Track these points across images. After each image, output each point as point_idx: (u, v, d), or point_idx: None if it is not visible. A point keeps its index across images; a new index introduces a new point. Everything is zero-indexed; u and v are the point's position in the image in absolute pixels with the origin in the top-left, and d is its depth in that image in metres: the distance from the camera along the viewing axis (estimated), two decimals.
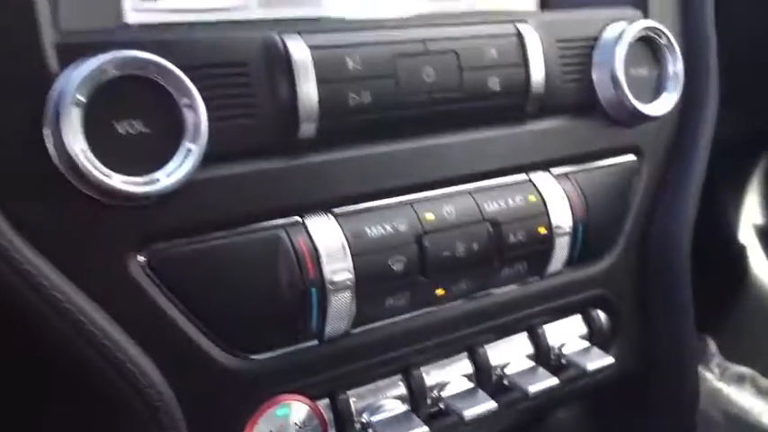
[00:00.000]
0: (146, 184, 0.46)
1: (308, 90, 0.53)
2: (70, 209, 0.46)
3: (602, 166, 0.71)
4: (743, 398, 0.98)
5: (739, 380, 1.01)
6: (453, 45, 0.60)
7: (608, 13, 0.70)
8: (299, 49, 0.53)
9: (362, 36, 0.56)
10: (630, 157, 0.73)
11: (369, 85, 0.56)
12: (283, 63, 0.52)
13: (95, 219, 0.47)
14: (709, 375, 1.01)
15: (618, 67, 0.67)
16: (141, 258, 0.49)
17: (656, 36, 0.70)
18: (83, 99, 0.44)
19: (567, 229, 0.66)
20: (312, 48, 0.53)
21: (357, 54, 0.55)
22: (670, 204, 0.75)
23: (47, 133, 0.45)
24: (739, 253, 1.14)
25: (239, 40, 0.51)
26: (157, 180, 0.47)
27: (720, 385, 1.00)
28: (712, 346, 1.05)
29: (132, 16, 0.55)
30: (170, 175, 0.47)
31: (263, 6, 0.60)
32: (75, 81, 0.44)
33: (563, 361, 0.70)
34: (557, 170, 0.68)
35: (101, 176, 0.45)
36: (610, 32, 0.69)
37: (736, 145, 0.97)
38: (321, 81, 0.53)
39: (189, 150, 0.48)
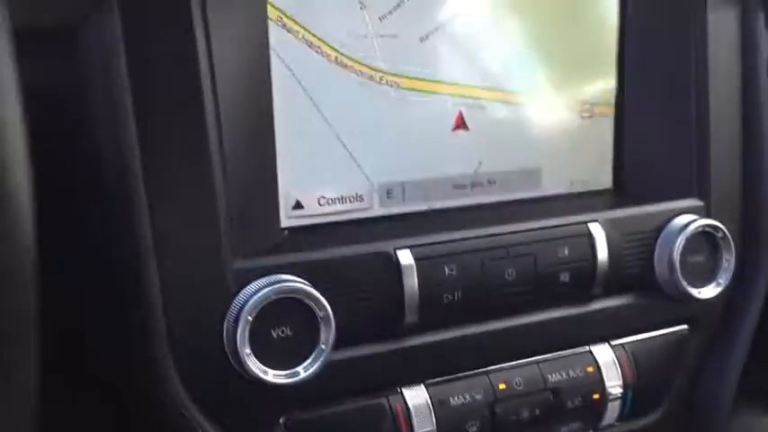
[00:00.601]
0: (288, 376, 0.63)
1: (413, 292, 0.69)
2: (234, 388, 0.64)
3: (656, 336, 0.83)
4: None
5: None
6: (531, 249, 0.74)
7: (673, 206, 0.81)
8: (407, 261, 0.69)
9: (458, 246, 0.71)
10: (682, 327, 0.85)
11: (460, 285, 0.71)
12: (395, 272, 0.68)
13: (251, 395, 0.65)
14: None
15: (675, 256, 0.79)
16: (281, 421, 0.67)
17: (713, 231, 0.81)
18: (250, 318, 0.62)
19: (619, 395, 0.79)
20: (417, 259, 0.69)
21: (453, 262, 0.71)
22: (716, 369, 0.87)
23: (224, 338, 0.63)
24: None
25: (364, 256, 0.68)
26: (298, 373, 0.64)
27: None
28: None
29: (286, 222, 0.72)
30: (307, 369, 0.64)
31: (383, 206, 0.77)
32: (248, 306, 0.61)
33: None
34: (614, 341, 0.81)
35: (259, 373, 0.62)
36: (673, 226, 0.80)
37: None
38: (423, 284, 0.69)
39: (322, 349, 0.64)
